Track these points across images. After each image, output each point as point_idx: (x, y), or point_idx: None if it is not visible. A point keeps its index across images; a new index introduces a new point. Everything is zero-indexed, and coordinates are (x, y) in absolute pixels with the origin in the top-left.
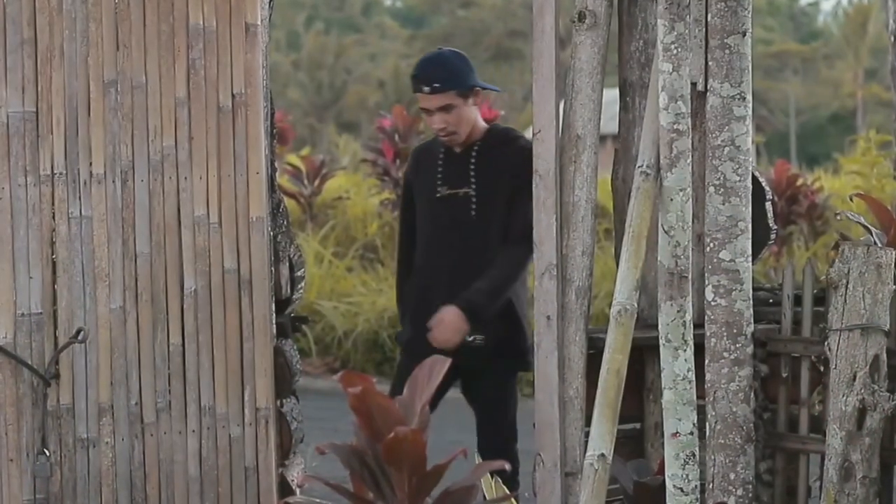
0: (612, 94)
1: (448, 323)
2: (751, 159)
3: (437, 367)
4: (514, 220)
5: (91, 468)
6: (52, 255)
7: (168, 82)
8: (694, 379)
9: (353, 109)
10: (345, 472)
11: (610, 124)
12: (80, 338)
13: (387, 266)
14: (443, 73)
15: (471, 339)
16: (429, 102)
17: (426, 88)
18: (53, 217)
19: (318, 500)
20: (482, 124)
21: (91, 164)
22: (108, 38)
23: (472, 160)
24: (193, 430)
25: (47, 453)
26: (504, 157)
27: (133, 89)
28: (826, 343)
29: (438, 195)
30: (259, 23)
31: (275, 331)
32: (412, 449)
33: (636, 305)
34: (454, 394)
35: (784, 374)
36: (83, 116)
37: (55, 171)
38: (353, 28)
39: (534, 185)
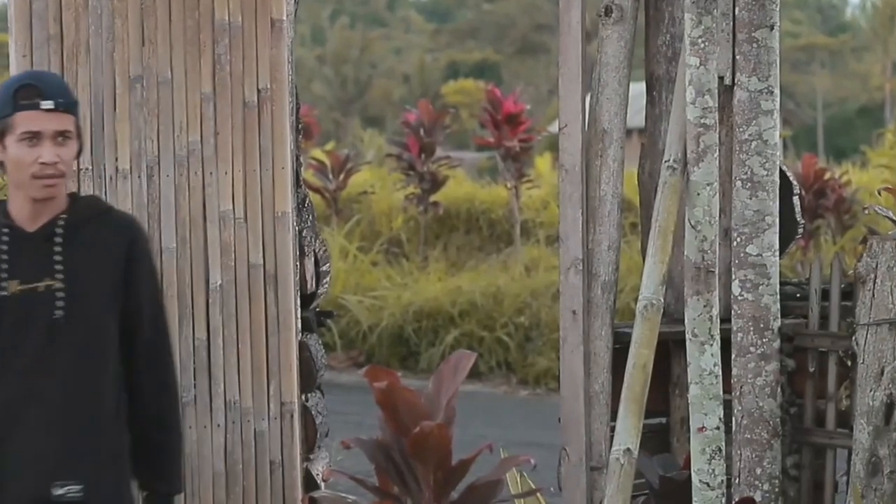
0: (638, 89)
1: None
2: (778, 153)
3: (462, 362)
4: (142, 320)
5: None
6: None
7: (194, 77)
8: (720, 374)
9: (378, 104)
10: (370, 467)
11: (636, 118)
12: None
13: (412, 261)
14: (69, 92)
15: (62, 490)
16: (43, 123)
17: (46, 103)
18: None
19: (343, 495)
20: (64, 192)
21: (117, 159)
22: (134, 33)
23: (58, 240)
24: (219, 425)
25: None
26: (103, 233)
27: (159, 84)
28: (853, 338)
29: (5, 293)
30: (285, 18)
31: (300, 325)
32: (437, 443)
33: (662, 300)
34: (479, 388)
35: (811, 369)
36: (109, 112)
37: (81, 167)
38: (378, 22)
39: (559, 180)
